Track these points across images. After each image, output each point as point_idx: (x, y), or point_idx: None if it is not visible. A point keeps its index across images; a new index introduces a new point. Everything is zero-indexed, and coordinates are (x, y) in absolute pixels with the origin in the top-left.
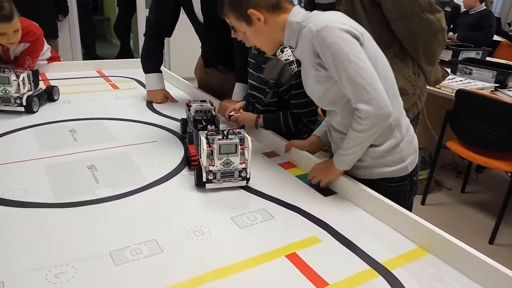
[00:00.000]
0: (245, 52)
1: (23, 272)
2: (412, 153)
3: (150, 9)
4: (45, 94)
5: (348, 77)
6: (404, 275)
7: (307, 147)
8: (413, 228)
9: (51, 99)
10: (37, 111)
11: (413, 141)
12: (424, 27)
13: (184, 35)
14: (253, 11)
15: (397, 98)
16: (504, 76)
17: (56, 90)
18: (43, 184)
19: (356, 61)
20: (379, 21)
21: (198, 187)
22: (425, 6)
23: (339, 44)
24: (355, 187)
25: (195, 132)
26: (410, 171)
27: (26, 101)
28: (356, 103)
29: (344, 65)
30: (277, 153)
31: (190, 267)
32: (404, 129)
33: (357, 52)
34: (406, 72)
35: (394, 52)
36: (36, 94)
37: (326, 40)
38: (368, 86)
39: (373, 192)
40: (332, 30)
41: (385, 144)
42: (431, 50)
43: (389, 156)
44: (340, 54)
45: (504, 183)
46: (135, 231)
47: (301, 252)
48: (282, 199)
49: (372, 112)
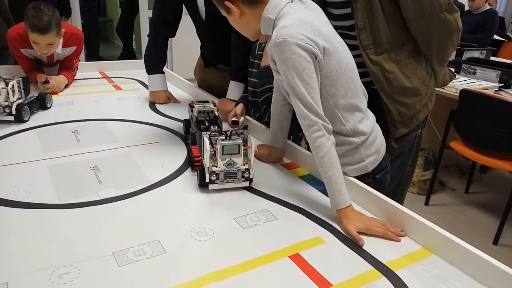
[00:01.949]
0: (242, 50)
1: (26, 272)
2: (373, 153)
3: (154, 9)
4: (37, 102)
5: (296, 94)
6: (408, 276)
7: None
8: (417, 228)
9: (43, 107)
10: (28, 120)
11: (374, 142)
12: (441, 26)
13: (187, 37)
14: (229, 4)
15: (358, 108)
16: (508, 75)
17: (49, 98)
18: (46, 185)
19: (307, 80)
20: (396, 20)
21: (201, 188)
22: (445, 5)
23: (294, 60)
24: (358, 188)
25: (198, 133)
26: (370, 170)
27: (16, 109)
28: (301, 118)
29: (296, 82)
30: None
31: (193, 267)
32: (364, 135)
33: (310, 71)
34: (420, 72)
35: (408, 51)
36: (27, 102)
37: (283, 54)
38: (314, 105)
39: (377, 193)
40: (290, 46)
41: (342, 149)
42: (445, 50)
43: (349, 156)
44: (294, 71)
45: (508, 183)
46: (138, 231)
47: (305, 253)
48: (285, 199)
49: (316, 128)
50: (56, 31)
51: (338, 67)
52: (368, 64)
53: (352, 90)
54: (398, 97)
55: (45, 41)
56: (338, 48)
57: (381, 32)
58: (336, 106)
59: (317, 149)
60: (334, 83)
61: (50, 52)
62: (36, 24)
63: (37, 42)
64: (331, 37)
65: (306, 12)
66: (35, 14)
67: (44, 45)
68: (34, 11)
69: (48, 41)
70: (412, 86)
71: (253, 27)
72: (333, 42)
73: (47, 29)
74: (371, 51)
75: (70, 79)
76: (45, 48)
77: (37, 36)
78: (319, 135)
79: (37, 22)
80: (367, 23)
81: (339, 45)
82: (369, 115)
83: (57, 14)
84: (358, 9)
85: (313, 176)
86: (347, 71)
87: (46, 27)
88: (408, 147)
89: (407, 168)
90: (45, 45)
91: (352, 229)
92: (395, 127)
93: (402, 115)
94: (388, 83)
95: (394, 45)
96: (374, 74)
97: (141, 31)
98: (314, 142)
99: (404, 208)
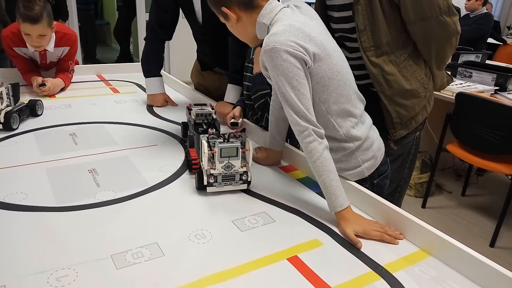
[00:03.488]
0: (239, 53)
1: (24, 275)
2: (369, 158)
3: (151, 12)
4: (27, 109)
5: (287, 101)
6: (405, 277)
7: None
8: (415, 231)
9: (34, 114)
10: (17, 127)
11: (371, 148)
12: (440, 29)
13: (184, 39)
14: (225, 9)
15: (351, 113)
16: (504, 79)
17: (39, 105)
18: (44, 188)
19: (297, 87)
20: (396, 23)
21: (199, 191)
22: (444, 8)
23: (284, 67)
24: (356, 190)
25: (196, 136)
26: (367, 175)
27: (5, 117)
28: (292, 124)
29: (286, 88)
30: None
31: (191, 270)
32: (359, 140)
33: (300, 78)
34: (419, 75)
35: (408, 54)
36: (16, 109)
37: (272, 61)
38: (305, 111)
39: (374, 195)
40: (279, 53)
41: (338, 154)
42: (443, 53)
43: (345, 161)
44: (284, 77)
45: (505, 186)
46: (136, 234)
47: (303, 255)
48: (283, 202)
49: (307, 133)
50: (47, 21)
51: (329, 72)
52: (368, 66)
53: (344, 96)
54: (398, 99)
55: (37, 31)
56: (330, 53)
57: (381, 34)
58: (328, 111)
59: (309, 154)
60: (325, 89)
61: (42, 45)
62: (27, 14)
63: (29, 33)
64: (323, 42)
65: (299, 18)
66: (26, 4)
67: (35, 36)
68: (24, 2)
69: (40, 31)
70: (412, 88)
71: (250, 32)
72: (325, 47)
73: (38, 18)
74: (371, 53)
75: (67, 81)
76: (37, 40)
77: (28, 26)
78: (310, 140)
79: (28, 12)
80: (367, 25)
81: (331, 51)
82: (366, 120)
83: (49, 6)
84: (359, 11)
85: (310, 178)
86: (339, 76)
87: (38, 16)
88: (406, 149)
89: (406, 170)
90: (37, 36)
91: (350, 232)
92: (394, 129)
93: (401, 117)
94: (388, 85)
95: (394, 47)
96: (374, 76)
97: (139, 34)
98: (306, 147)
99: (401, 211)
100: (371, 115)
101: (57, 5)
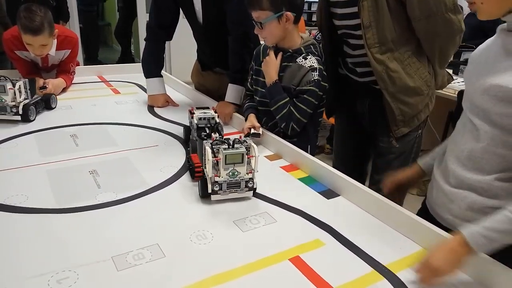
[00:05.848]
0: (240, 53)
1: (25, 278)
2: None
3: (150, 13)
4: (42, 102)
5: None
6: (408, 277)
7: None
8: (417, 230)
9: (48, 107)
10: (34, 119)
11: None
12: (445, 27)
13: (185, 40)
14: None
15: None
16: None
17: (53, 98)
18: (45, 190)
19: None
20: (401, 19)
21: (203, 199)
22: (450, 6)
23: None
24: (358, 189)
25: (199, 141)
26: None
27: (23, 109)
28: None
29: None
30: (280, 156)
31: (193, 271)
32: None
33: None
34: (422, 72)
35: (412, 51)
36: (33, 102)
37: None
38: None
39: (376, 194)
40: None
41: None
42: (446, 51)
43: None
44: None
45: None
46: (137, 235)
47: (305, 256)
48: (285, 202)
49: None
50: (49, 31)
51: None
52: (372, 62)
53: None
54: (401, 96)
55: (38, 42)
56: None
57: (386, 31)
58: None
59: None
60: None
61: (44, 53)
62: (28, 25)
63: (30, 43)
64: None
65: None
66: (27, 15)
67: (37, 46)
68: (26, 13)
69: (41, 42)
70: (415, 86)
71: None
72: None
73: (40, 30)
74: (376, 50)
75: (68, 82)
76: (39, 49)
77: (30, 37)
78: None
79: (29, 23)
80: (373, 22)
81: None
82: None
83: (50, 15)
84: (365, 7)
85: (312, 178)
86: None
87: (39, 28)
88: (408, 147)
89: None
90: (39, 46)
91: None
92: (396, 126)
93: (405, 114)
94: (392, 82)
95: (398, 44)
96: (378, 73)
97: (139, 35)
98: None
99: (404, 210)
100: (373, 112)
101: (58, 6)
